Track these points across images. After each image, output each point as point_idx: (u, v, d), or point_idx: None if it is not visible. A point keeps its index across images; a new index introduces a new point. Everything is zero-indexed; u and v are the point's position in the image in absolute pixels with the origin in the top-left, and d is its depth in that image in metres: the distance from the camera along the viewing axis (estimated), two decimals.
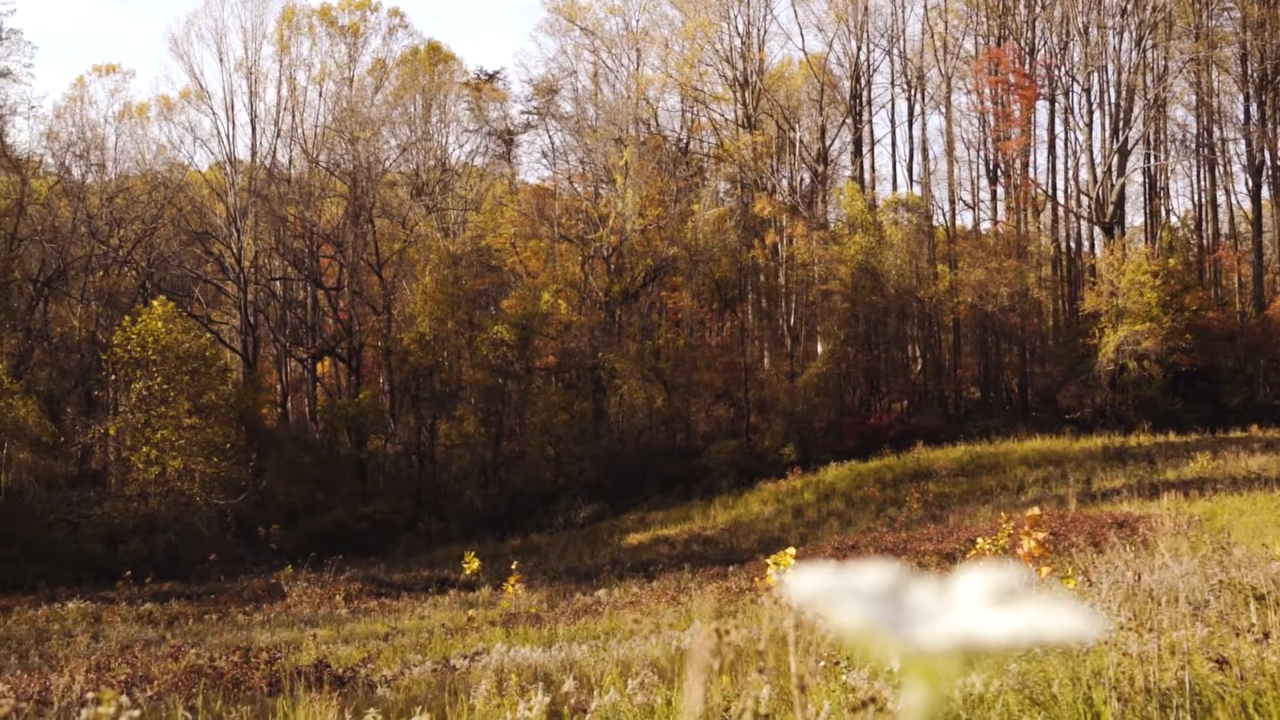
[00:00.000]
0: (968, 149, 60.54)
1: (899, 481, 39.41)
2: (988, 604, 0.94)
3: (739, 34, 57.24)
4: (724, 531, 36.61)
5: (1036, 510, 18.95)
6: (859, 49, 57.73)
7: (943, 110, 58.13)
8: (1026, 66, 55.61)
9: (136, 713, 2.58)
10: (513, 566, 25.22)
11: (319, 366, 52.41)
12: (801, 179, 56.63)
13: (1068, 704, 6.79)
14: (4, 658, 17.99)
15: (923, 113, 58.43)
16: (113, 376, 41.71)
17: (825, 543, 28.00)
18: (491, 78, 60.58)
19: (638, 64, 59.84)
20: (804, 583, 0.99)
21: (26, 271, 46.03)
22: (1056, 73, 55.75)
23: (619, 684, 10.96)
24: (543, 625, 18.76)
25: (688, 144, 60.10)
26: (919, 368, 54.43)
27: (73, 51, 75.08)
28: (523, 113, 61.35)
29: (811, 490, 40.60)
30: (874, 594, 0.96)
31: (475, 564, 27.97)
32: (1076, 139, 55.44)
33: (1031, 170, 56.67)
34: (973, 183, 59.09)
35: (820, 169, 57.08)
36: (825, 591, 0.96)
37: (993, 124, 55.99)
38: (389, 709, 9.90)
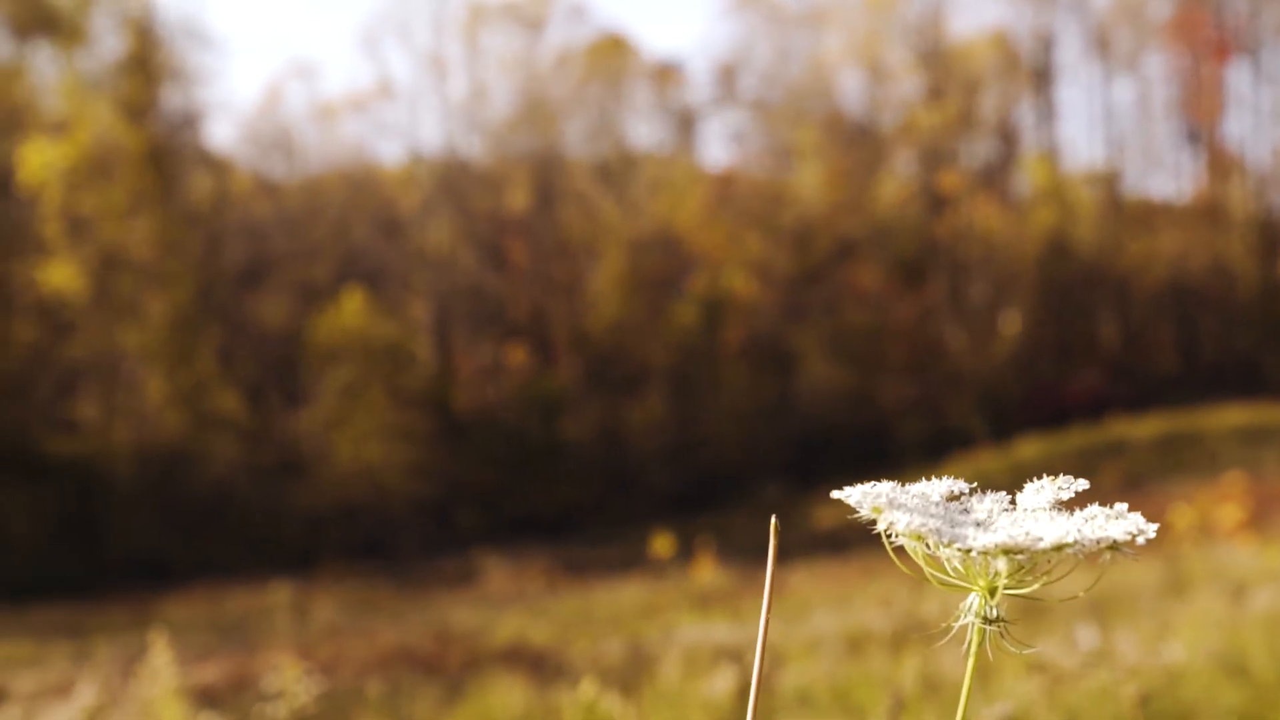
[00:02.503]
0: (1159, 115, 58.89)
1: (1092, 455, 38.61)
2: (1044, 512, 0.95)
3: (922, 7, 56.53)
4: None
5: (1237, 482, 18.44)
6: (1045, 17, 56.57)
7: (1132, 77, 56.68)
8: (1220, 27, 53.92)
9: (314, 680, 2.66)
10: (702, 546, 25.34)
11: (508, 352, 53.14)
12: (986, 152, 55.74)
13: (1275, 675, 6.63)
14: (214, 641, 18.62)
15: (1111, 80, 57.03)
16: (312, 367, 42.97)
17: None
18: (673, 64, 60.69)
19: (820, 42, 59.41)
20: (860, 493, 1.01)
21: (228, 267, 47.50)
22: (1253, 32, 53.95)
23: (807, 660, 10.98)
24: (732, 603, 18.82)
25: (870, 120, 59.51)
26: (1112, 339, 53.23)
27: (263, 50, 77.04)
28: (705, 96, 61.34)
29: (1002, 465, 39.99)
30: (932, 504, 0.97)
31: (665, 544, 28.12)
32: (1275, 99, 53.62)
33: (1227, 134, 54.96)
34: (1165, 149, 57.51)
35: (1006, 141, 56.10)
36: (883, 501, 0.98)
37: (1186, 88, 54.42)
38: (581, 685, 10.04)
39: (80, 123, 41.96)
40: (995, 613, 0.93)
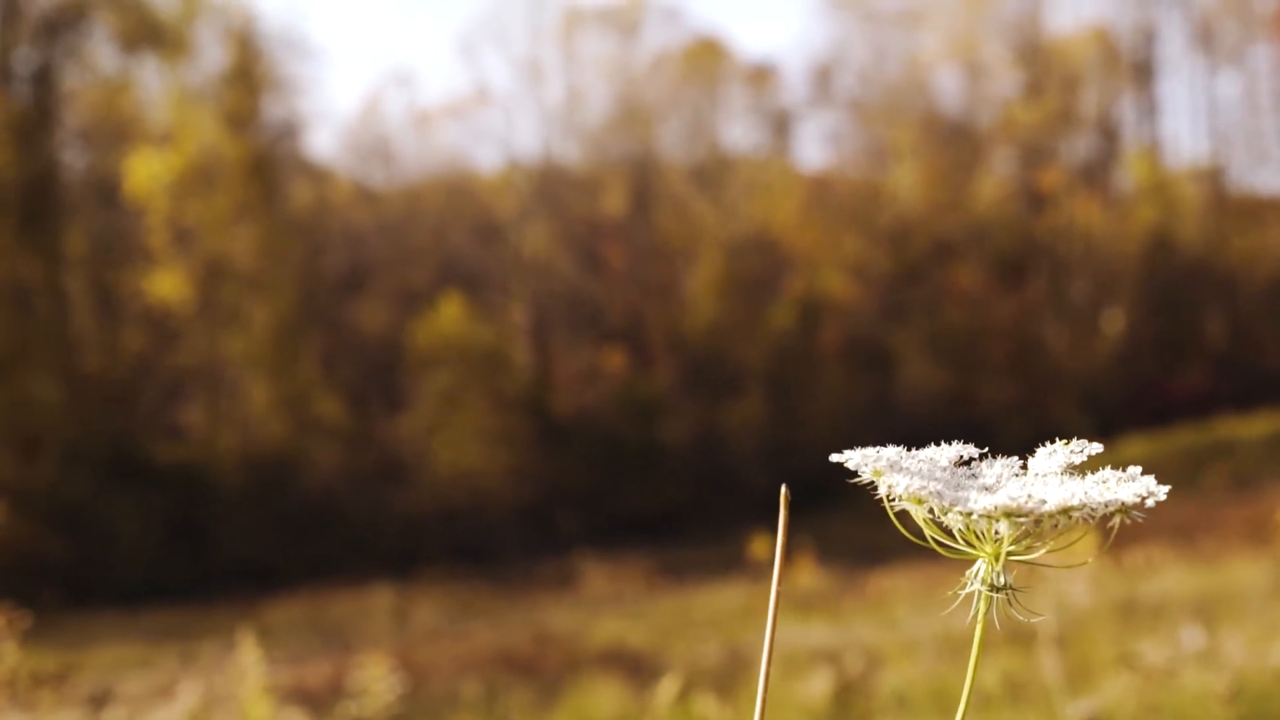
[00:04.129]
0: (1266, 108, 57.75)
1: (1199, 454, 38.00)
2: (1053, 476, 0.93)
3: (1021, 3, 55.96)
4: None
5: None
6: (1147, 11, 55.78)
7: (1237, 70, 55.72)
8: None
9: (399, 679, 2.68)
10: (801, 548, 25.22)
11: (605, 356, 53.31)
12: (1087, 148, 55.06)
13: None
14: (317, 644, 18.84)
15: (1215, 74, 56.10)
16: (411, 372, 43.38)
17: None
18: (768, 66, 60.52)
19: (916, 41, 59.00)
20: (860, 456, 1.00)
21: (329, 274, 48.05)
22: None
23: (905, 662, 10.91)
24: (832, 605, 18.74)
25: (968, 118, 58.99)
26: (1218, 336, 52.35)
27: (362, 60, 77.96)
28: (800, 97, 61.12)
29: (1105, 465, 39.41)
30: (938, 468, 0.95)
31: (764, 546, 28.04)
32: None
33: None
34: (1272, 143, 56.40)
35: (1107, 137, 55.40)
36: (884, 464, 0.96)
37: None
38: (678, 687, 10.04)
39: (184, 134, 42.66)
40: (1003, 580, 0.91)
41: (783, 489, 1.15)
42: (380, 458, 42.71)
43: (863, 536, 35.35)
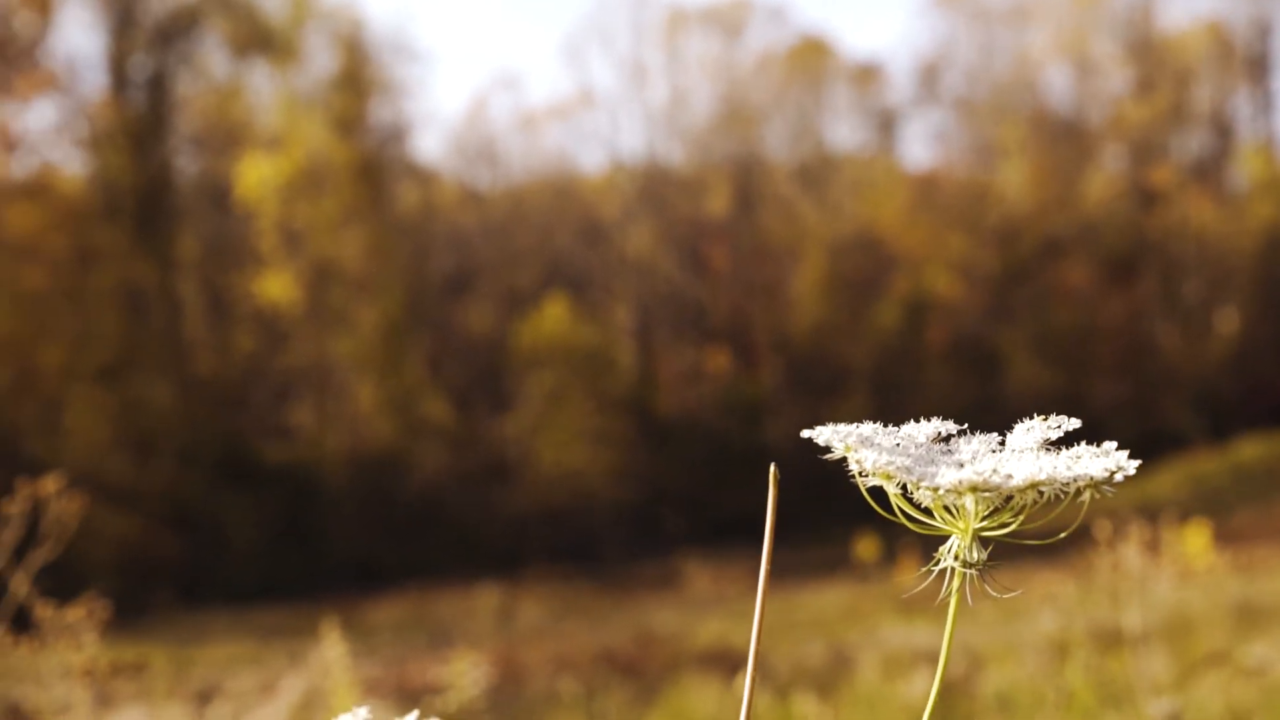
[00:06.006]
0: None
1: None
2: (1027, 451, 0.91)
3: None
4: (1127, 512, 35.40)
5: None
6: (1262, 4, 54.76)
7: None
8: None
9: (485, 674, 2.70)
10: (906, 549, 25.07)
11: (709, 356, 53.29)
12: (1200, 145, 54.18)
13: None
14: (422, 643, 19.02)
15: None
16: (516, 373, 43.68)
17: (1232, 522, 26.75)
18: (874, 64, 60.17)
19: (1024, 37, 58.37)
20: (831, 431, 1.00)
21: (435, 276, 48.48)
22: None
23: (1008, 663, 10.81)
24: (935, 606, 18.61)
25: (1077, 115, 58.26)
26: None
27: (468, 62, 78.53)
28: (906, 96, 60.69)
29: (1220, 467, 38.82)
30: (913, 444, 0.95)
31: (869, 547, 27.89)
32: None
33: None
34: None
35: (1220, 133, 54.47)
36: (854, 439, 0.96)
37: None
38: (780, 687, 10.03)
39: (294, 138, 43.22)
40: (975, 556, 0.90)
41: (771, 468, 1.17)
42: (485, 458, 43.01)
43: None
